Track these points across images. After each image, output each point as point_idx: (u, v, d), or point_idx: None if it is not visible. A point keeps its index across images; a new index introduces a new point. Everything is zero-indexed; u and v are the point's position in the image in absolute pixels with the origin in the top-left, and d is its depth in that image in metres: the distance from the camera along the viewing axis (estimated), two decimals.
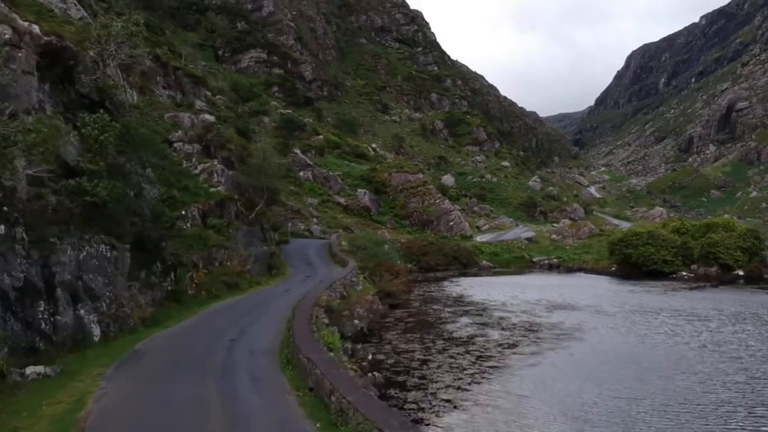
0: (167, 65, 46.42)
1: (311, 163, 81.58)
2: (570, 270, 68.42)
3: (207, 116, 46.34)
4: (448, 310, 38.19)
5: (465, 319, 34.81)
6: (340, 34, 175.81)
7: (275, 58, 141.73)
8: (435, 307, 39.49)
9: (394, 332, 31.10)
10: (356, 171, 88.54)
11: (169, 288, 29.15)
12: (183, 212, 34.62)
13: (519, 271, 67.65)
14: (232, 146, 45.45)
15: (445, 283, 53.78)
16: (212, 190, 38.35)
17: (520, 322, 33.86)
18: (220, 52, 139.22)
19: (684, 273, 59.43)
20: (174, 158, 39.15)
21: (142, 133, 25.69)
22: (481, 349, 27.03)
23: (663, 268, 59.55)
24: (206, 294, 31.92)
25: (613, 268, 62.97)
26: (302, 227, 68.32)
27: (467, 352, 26.39)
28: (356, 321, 27.85)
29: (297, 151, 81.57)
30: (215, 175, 39.29)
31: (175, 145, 39.17)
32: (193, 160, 39.22)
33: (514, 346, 27.87)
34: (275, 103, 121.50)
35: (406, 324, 33.61)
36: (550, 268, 71.42)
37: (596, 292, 47.10)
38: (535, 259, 73.38)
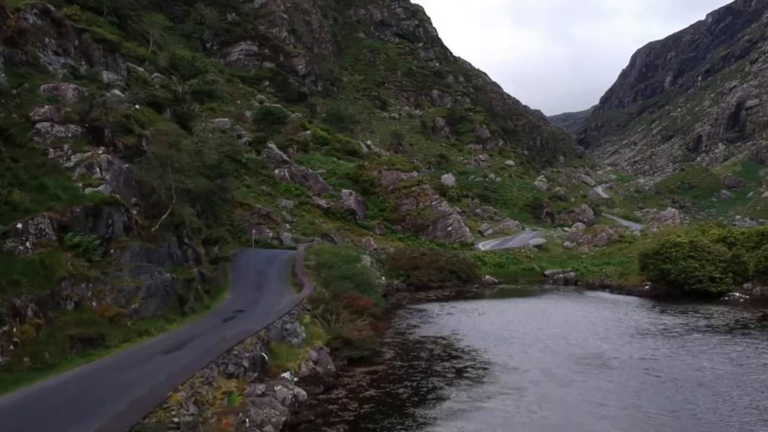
0: (63, 24, 33.09)
1: (288, 159, 68.16)
2: (591, 287, 54.56)
3: (115, 91, 33.16)
4: (433, 370, 24.68)
5: (455, 394, 21.28)
6: (338, 28, 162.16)
7: (266, 51, 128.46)
8: (414, 362, 25.99)
9: (334, 430, 17.69)
10: (342, 169, 75.04)
11: None
12: (19, 225, 21.39)
13: (529, 289, 53.99)
14: (147, 132, 32.04)
15: (436, 310, 40.19)
16: (88, 190, 25.05)
17: (545, 401, 20.33)
18: (208, 45, 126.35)
19: (737, 293, 45.66)
20: (36, 145, 25.87)
21: None
22: None
23: (710, 287, 45.82)
24: (31, 361, 18.65)
25: (646, 287, 49.22)
26: (270, 235, 55.09)
27: None
28: None
29: (272, 145, 68.16)
30: (97, 170, 25.98)
31: (39, 126, 26.01)
32: (65, 147, 25.99)
33: None
34: (263, 96, 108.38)
35: (360, 405, 20.13)
36: (566, 283, 57.69)
37: (639, 327, 33.40)
38: (547, 272, 59.65)
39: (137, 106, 34.71)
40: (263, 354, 20.33)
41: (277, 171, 66.04)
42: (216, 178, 36.81)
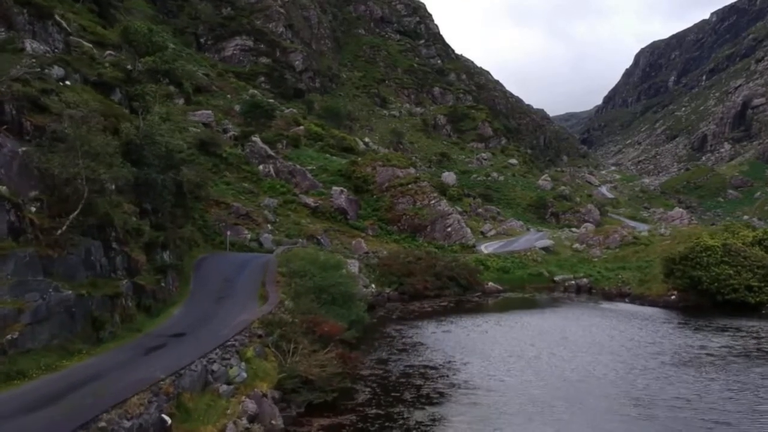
0: None
1: (273, 154, 61.37)
2: (607, 296, 47.47)
3: (25, 61, 26.58)
4: (418, 422, 17.79)
5: None
6: (337, 24, 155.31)
7: (262, 46, 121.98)
8: (394, 408, 19.13)
9: None
10: (333, 165, 68.18)
11: None
12: None
13: (538, 299, 46.95)
14: (72, 111, 25.26)
15: (430, 328, 33.22)
16: None
17: None
18: (202, 40, 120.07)
19: None
20: None
21: None
22: None
23: (747, 297, 38.88)
24: None
25: (673, 297, 42.20)
26: (248, 236, 48.36)
27: None
28: None
29: (256, 139, 61.40)
30: None
31: None
32: None
33: None
34: (255, 92, 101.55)
35: None
36: (578, 291, 50.65)
37: (679, 353, 26.42)
38: (557, 278, 52.56)
39: (67, 83, 28.07)
40: (163, 416, 13.55)
41: (261, 167, 59.28)
42: (167, 169, 30.07)
